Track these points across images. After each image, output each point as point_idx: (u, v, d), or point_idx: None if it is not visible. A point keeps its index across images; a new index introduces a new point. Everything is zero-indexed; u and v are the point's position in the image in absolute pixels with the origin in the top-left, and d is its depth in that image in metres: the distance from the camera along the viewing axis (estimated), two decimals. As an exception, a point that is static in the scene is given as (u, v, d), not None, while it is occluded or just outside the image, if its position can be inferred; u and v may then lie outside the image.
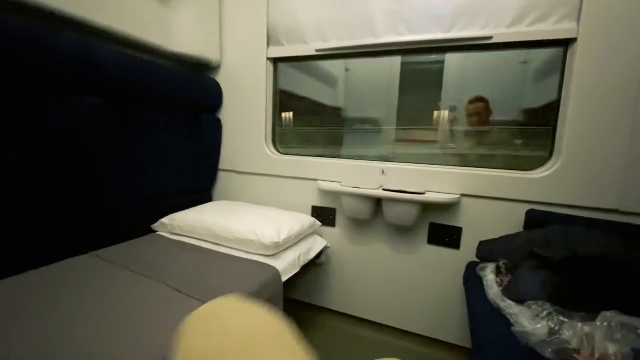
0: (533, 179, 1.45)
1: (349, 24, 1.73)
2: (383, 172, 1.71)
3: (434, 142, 2.31)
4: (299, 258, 1.52)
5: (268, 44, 1.91)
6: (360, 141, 3.11)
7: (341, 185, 1.71)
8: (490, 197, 1.53)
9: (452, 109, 2.29)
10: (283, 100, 2.32)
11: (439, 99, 2.56)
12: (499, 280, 1.24)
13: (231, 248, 1.52)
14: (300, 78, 2.74)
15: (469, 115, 1.97)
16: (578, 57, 1.35)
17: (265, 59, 1.91)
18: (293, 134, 2.65)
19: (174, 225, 1.66)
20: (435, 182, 1.61)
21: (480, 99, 1.96)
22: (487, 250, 1.41)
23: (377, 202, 1.69)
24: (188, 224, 1.63)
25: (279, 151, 2.05)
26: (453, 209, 1.60)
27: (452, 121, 2.25)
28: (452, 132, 2.23)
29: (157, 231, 1.72)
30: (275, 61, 1.97)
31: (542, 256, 1.15)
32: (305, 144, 2.72)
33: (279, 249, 1.45)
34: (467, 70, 2.58)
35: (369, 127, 3.10)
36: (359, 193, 1.65)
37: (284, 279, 1.38)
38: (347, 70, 3.10)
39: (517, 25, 1.44)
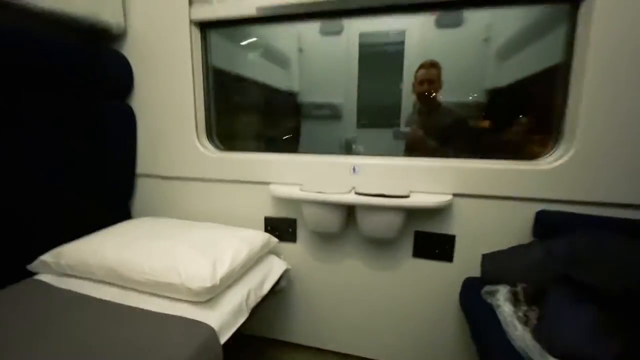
0: (540, 171, 1.12)
1: None
2: (354, 169, 1.29)
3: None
4: (247, 298, 1.07)
5: (190, 2, 1.37)
6: (319, 129, 2.74)
7: (301, 189, 1.26)
8: (488, 196, 1.18)
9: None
10: (223, 82, 1.81)
11: (401, 81, 2.32)
12: (520, 314, 0.90)
13: (146, 294, 1.03)
14: (243, 56, 2.23)
15: (420, 82, 1.65)
16: (596, 15, 1.01)
17: (188, 22, 1.37)
18: (240, 124, 2.13)
19: (62, 264, 1.11)
20: (420, 179, 1.23)
21: (433, 64, 1.66)
22: (494, 268, 1.07)
23: (349, 209, 1.27)
24: (82, 260, 1.09)
25: (217, 147, 1.54)
26: (443, 213, 1.24)
27: (415, 103, 1.99)
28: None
29: (36, 273, 1.15)
30: (203, 26, 1.43)
31: (582, 282, 0.81)
32: (254, 136, 2.23)
33: (215, 291, 0.98)
34: (427, 50, 2.33)
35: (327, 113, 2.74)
36: (323, 200, 1.21)
37: (225, 337, 0.92)
38: (300, 50, 2.66)
39: None
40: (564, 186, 1.11)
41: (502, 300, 0.96)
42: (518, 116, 1.67)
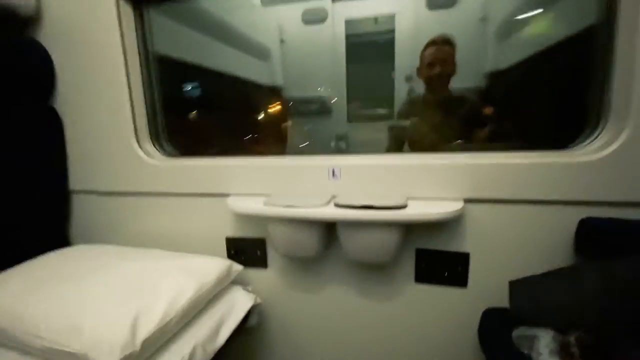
0: (580, 164, 0.81)
1: None
2: (333, 172, 0.98)
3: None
4: (192, 358, 0.77)
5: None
6: (308, 126, 2.48)
7: (266, 203, 0.95)
8: (510, 200, 0.87)
9: (408, 79, 1.97)
10: (180, 73, 1.51)
11: (392, 69, 2.08)
12: (580, 381, 0.60)
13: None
14: (211, 46, 1.93)
15: (429, 64, 1.32)
16: None
17: None
18: (209, 124, 1.82)
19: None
20: (420, 181, 0.92)
21: (446, 41, 1.34)
22: (528, 301, 0.76)
23: (329, 226, 0.97)
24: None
25: (166, 152, 1.23)
26: (453, 225, 0.93)
27: (409, 92, 1.90)
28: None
29: None
30: (137, 1, 1.13)
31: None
32: (227, 138, 1.92)
33: (137, 361, 0.68)
34: (419, 36, 2.06)
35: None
36: (293, 216, 0.90)
37: None
38: (282, 41, 2.39)
39: None
40: (614, 183, 0.80)
41: (547, 354, 0.65)
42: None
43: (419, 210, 0.84)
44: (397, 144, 1.41)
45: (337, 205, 0.88)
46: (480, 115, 1.49)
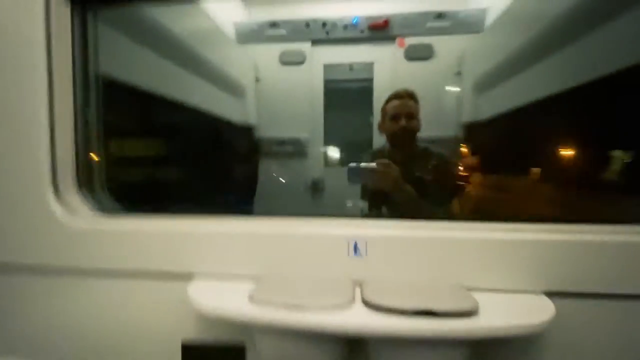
0: None
1: None
2: (355, 247, 0.66)
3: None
4: None
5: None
6: (281, 169, 2.28)
7: (254, 298, 0.60)
8: (608, 295, 0.61)
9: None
10: (134, 102, 1.17)
11: (371, 115, 2.09)
12: None
13: None
14: (178, 75, 1.65)
15: (392, 117, 1.23)
16: None
17: None
18: (168, 167, 1.43)
19: None
20: (479, 262, 0.64)
21: (410, 95, 1.27)
22: None
23: (352, 341, 0.62)
24: None
25: (101, 206, 0.83)
26: (533, 337, 0.63)
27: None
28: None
29: None
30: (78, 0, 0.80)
31: None
32: (187, 184, 1.52)
33: None
34: (397, 85, 2.05)
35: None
36: (299, 325, 0.55)
37: None
38: (257, 80, 2.21)
39: None
40: None
41: None
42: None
43: (499, 318, 0.55)
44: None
45: (370, 306, 0.56)
46: (452, 174, 1.37)
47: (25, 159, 0.75)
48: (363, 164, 1.14)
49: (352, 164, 1.11)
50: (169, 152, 1.54)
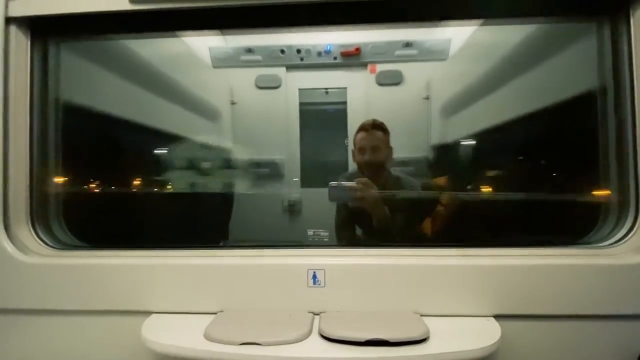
0: (630, 268, 0.64)
1: None
2: (314, 277, 0.67)
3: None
4: None
5: (9, -8, 0.74)
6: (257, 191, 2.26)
7: (209, 335, 0.59)
8: (552, 316, 0.65)
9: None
10: (99, 129, 1.15)
11: (346, 137, 2.12)
12: None
13: None
14: (147, 100, 1.64)
15: (360, 149, 1.25)
16: None
17: (2, 22, 0.72)
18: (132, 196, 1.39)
19: None
20: (432, 288, 0.66)
21: (377, 125, 1.27)
22: None
23: None
24: None
25: (52, 243, 0.80)
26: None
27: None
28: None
29: None
30: (40, 31, 0.80)
31: None
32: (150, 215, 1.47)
33: None
34: (370, 108, 2.15)
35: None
36: None
37: None
38: (233, 103, 2.23)
39: None
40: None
41: None
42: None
43: (448, 344, 0.57)
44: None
45: (326, 338, 0.56)
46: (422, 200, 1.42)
47: None
48: (344, 183, 1.19)
49: (333, 183, 1.15)
50: (135, 180, 1.49)
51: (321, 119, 2.32)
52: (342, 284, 0.66)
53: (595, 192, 0.77)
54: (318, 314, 0.65)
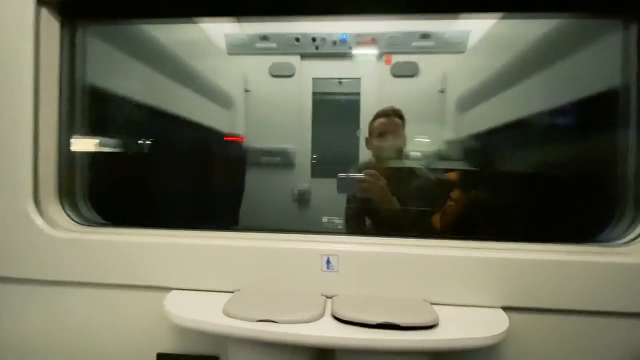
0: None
1: None
2: (328, 262, 0.70)
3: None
4: None
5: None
6: (268, 179, 2.29)
7: (228, 311, 0.62)
8: (561, 310, 0.66)
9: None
10: (119, 112, 1.18)
11: (358, 128, 2.13)
12: None
13: None
14: (165, 85, 1.66)
15: (379, 134, 1.27)
16: None
17: (34, 3, 0.75)
18: (149, 178, 1.43)
19: None
20: (443, 278, 0.68)
21: (396, 112, 1.34)
22: None
23: (321, 352, 0.65)
24: None
25: (82, 219, 0.84)
26: (490, 349, 0.68)
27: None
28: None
29: None
30: (69, 13, 0.82)
31: None
32: (169, 194, 1.52)
33: None
34: (383, 100, 2.09)
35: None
36: (270, 337, 0.59)
37: None
38: (246, 91, 2.22)
39: None
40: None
41: None
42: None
43: (457, 331, 0.59)
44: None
45: (339, 319, 0.59)
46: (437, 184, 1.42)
47: (6, 169, 0.77)
48: (352, 174, 1.19)
49: (342, 174, 1.16)
50: (154, 164, 1.54)
51: (334, 109, 2.30)
52: (354, 270, 0.69)
53: (611, 190, 0.77)
54: (330, 297, 0.68)
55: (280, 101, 2.20)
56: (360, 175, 1.17)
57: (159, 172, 1.51)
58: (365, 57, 2.23)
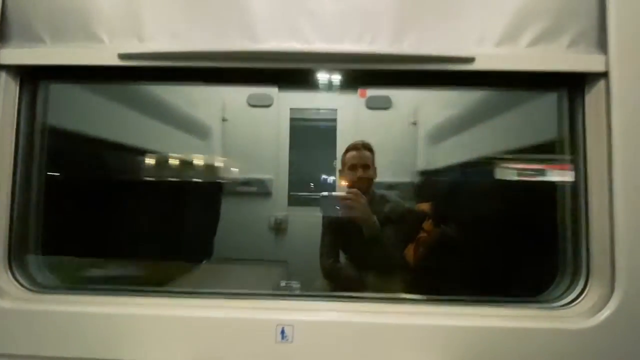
0: (570, 333, 0.69)
1: (198, 9, 0.76)
2: (283, 333, 0.69)
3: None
4: None
5: (1, 38, 0.77)
6: (244, 209, 2.24)
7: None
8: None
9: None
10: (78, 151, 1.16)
11: (335, 158, 2.13)
12: None
13: None
14: (131, 119, 1.61)
15: (350, 167, 1.32)
16: (616, 105, 0.71)
17: None
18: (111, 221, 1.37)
19: None
20: (395, 343, 0.69)
21: (365, 146, 1.40)
22: None
23: None
24: None
25: (31, 283, 0.80)
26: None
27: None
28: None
29: None
30: (30, 75, 0.82)
31: None
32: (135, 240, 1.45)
33: None
34: (359, 130, 2.19)
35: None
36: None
37: None
38: (224, 120, 2.26)
39: (509, 43, 0.75)
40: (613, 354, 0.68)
41: None
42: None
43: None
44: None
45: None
46: (409, 213, 1.47)
47: None
48: (335, 193, 1.27)
49: (325, 193, 1.21)
50: (120, 199, 1.48)
51: (311, 138, 2.36)
52: (308, 339, 0.69)
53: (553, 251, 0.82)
54: None
55: (258, 130, 2.23)
56: (343, 193, 1.22)
57: (126, 207, 1.46)
58: (341, 90, 2.30)
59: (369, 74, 0.78)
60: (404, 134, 2.14)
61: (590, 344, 0.68)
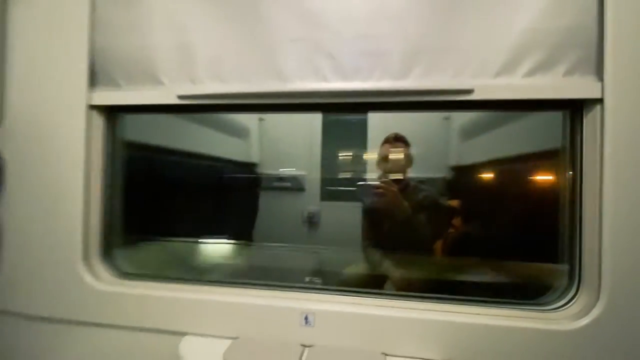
0: (557, 333, 0.78)
1: (238, 57, 0.94)
2: (306, 319, 0.88)
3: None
4: None
5: (92, 84, 1.01)
6: (279, 203, 2.43)
7: (225, 357, 0.83)
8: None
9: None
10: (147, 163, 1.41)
11: (365, 151, 2.22)
12: None
13: None
14: (183, 128, 1.86)
15: (384, 159, 1.48)
16: (609, 130, 0.77)
17: (85, 107, 1.00)
18: (171, 218, 1.66)
19: None
20: (398, 335, 0.84)
21: (399, 138, 1.53)
22: None
23: None
24: None
25: (117, 272, 1.07)
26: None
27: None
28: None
29: None
30: (111, 111, 1.07)
31: None
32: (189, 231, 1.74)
33: None
34: (389, 124, 2.24)
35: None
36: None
37: None
38: (260, 119, 2.42)
39: (506, 74, 0.83)
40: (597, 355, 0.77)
41: None
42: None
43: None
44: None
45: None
46: (439, 206, 1.56)
47: (65, 235, 0.97)
48: (370, 182, 1.44)
49: (361, 182, 1.41)
50: (182, 196, 1.76)
51: (343, 134, 2.44)
52: (327, 326, 0.87)
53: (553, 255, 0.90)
54: (309, 346, 0.86)
55: (292, 127, 2.38)
56: (377, 182, 1.40)
57: (189, 203, 1.73)
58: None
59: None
60: (437, 129, 2.15)
61: (576, 344, 0.77)
